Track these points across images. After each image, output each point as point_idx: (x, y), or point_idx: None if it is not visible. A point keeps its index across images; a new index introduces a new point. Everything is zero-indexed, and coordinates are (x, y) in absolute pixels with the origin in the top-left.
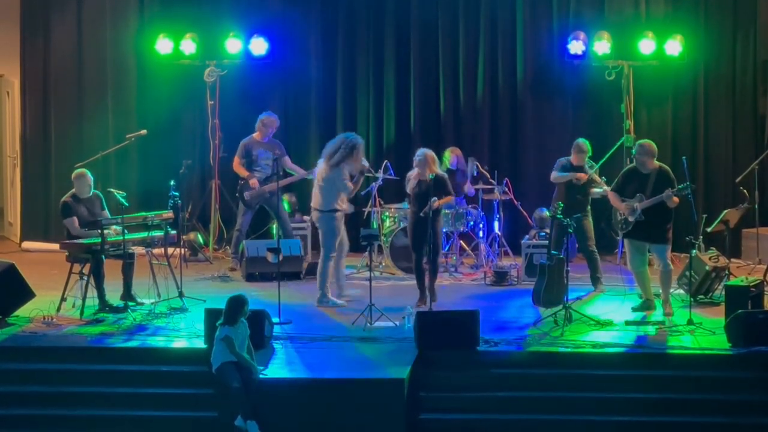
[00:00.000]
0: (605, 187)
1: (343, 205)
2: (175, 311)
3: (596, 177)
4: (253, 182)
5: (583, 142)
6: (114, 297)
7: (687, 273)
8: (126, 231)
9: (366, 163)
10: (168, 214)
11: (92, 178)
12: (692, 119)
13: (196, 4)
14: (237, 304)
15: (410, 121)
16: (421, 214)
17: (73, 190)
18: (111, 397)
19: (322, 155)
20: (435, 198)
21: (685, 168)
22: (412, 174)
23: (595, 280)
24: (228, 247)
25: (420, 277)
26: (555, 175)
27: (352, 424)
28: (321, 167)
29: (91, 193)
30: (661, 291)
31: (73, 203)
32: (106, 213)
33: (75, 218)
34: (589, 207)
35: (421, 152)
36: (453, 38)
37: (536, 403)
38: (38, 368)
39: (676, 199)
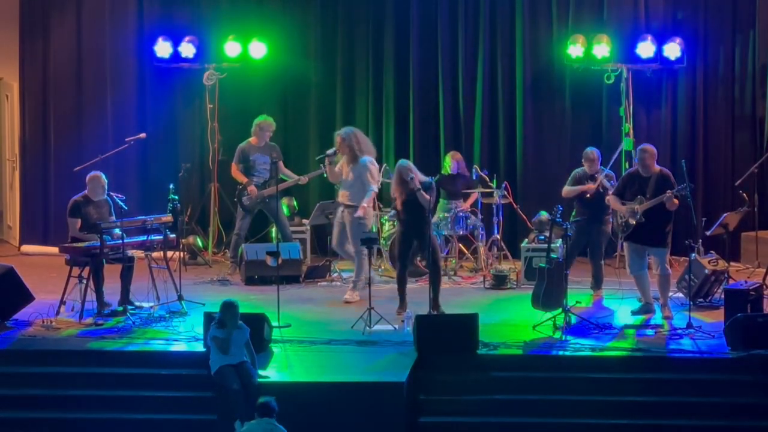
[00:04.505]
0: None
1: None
2: (175, 315)
3: (605, 182)
4: (251, 189)
5: (591, 150)
6: (113, 300)
7: (686, 276)
8: (125, 234)
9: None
10: (167, 217)
11: (106, 180)
12: (691, 123)
13: (195, 7)
14: (224, 307)
15: (409, 125)
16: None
17: (86, 191)
18: (110, 400)
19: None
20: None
21: (684, 171)
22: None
23: (596, 284)
24: (227, 250)
25: (402, 286)
26: (566, 189)
27: (352, 427)
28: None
29: (104, 197)
30: (659, 295)
31: (82, 204)
32: (113, 220)
33: (78, 220)
34: (604, 216)
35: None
36: (453, 41)
37: (535, 406)
38: (37, 371)
39: (675, 201)
